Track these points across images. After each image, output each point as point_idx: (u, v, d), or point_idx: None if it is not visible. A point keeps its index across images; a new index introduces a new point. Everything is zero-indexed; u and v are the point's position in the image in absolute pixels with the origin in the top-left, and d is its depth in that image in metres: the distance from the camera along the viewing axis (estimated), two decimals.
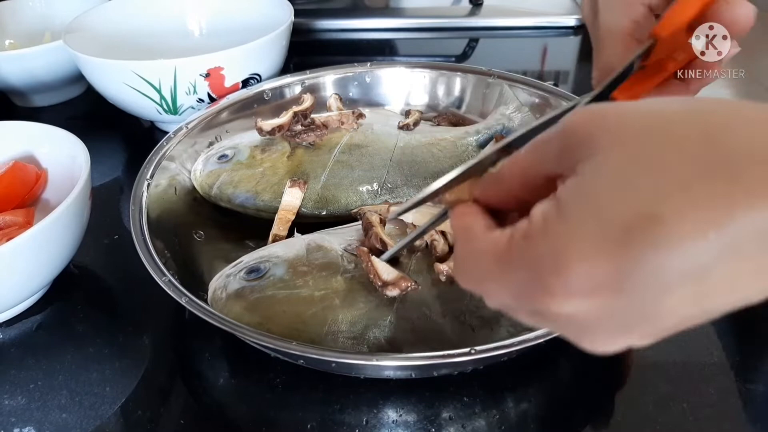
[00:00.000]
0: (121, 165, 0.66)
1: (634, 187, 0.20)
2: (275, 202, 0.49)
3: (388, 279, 0.38)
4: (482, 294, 0.24)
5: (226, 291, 0.40)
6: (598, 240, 0.20)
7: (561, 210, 0.21)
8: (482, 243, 0.24)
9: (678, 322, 0.21)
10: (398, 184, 0.51)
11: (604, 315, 0.21)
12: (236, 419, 0.39)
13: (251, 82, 0.63)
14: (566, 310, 0.21)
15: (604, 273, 0.20)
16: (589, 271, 0.20)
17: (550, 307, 0.21)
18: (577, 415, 0.38)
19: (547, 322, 0.23)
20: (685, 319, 0.21)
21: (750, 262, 0.19)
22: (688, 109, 0.21)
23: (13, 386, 0.41)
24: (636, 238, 0.19)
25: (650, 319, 0.21)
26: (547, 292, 0.21)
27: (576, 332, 0.23)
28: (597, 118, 0.21)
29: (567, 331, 0.23)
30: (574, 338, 0.23)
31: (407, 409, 0.38)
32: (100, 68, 0.61)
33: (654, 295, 0.20)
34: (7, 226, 0.48)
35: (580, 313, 0.21)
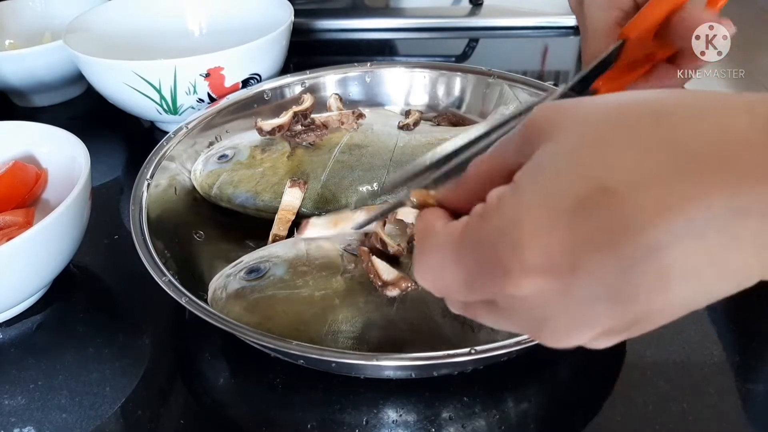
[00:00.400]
0: (121, 165, 0.66)
1: (586, 162, 0.19)
2: (275, 202, 0.49)
3: (388, 279, 0.38)
4: (441, 290, 0.23)
5: (226, 291, 0.40)
6: (553, 213, 0.19)
7: (515, 188, 0.20)
8: (440, 236, 0.23)
9: (642, 313, 0.20)
10: None
11: (560, 296, 0.20)
12: (236, 419, 0.39)
13: (251, 82, 0.63)
14: (523, 292, 0.20)
15: (560, 246, 0.19)
16: (545, 245, 0.19)
17: (506, 288, 0.20)
18: (577, 415, 0.38)
19: (504, 314, 0.22)
20: (649, 310, 0.20)
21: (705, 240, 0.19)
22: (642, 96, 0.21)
23: (13, 386, 0.41)
24: (590, 209, 0.19)
25: (610, 305, 0.20)
26: (503, 271, 0.20)
27: (535, 322, 0.22)
28: (553, 110, 0.22)
29: (525, 321, 0.22)
30: (533, 330, 0.22)
31: (407, 409, 0.38)
32: (100, 68, 0.61)
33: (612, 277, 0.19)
34: (7, 226, 0.48)
35: (537, 295, 0.20)
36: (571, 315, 0.21)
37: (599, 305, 0.20)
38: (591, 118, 0.20)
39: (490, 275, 0.21)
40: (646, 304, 0.20)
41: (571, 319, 0.21)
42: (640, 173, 0.19)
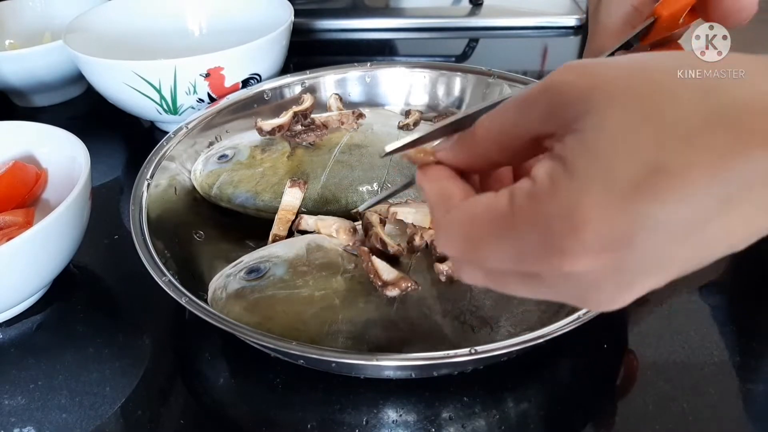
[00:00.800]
0: (121, 165, 0.66)
1: (638, 141, 0.19)
2: (275, 202, 0.49)
3: (388, 279, 0.38)
4: (471, 258, 0.23)
5: (226, 291, 0.40)
6: (610, 196, 0.20)
7: (568, 168, 0.20)
8: (471, 207, 0.23)
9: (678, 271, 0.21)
10: (398, 184, 0.51)
11: (613, 270, 0.21)
12: (236, 419, 0.39)
13: (251, 82, 0.63)
14: (578, 269, 0.21)
15: (617, 228, 0.20)
16: (603, 227, 0.20)
17: (562, 267, 0.21)
18: (577, 415, 0.38)
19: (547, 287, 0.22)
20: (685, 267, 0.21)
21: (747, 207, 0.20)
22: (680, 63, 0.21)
23: (13, 386, 0.41)
24: (645, 190, 0.19)
25: (656, 269, 0.21)
26: (560, 250, 0.20)
27: (581, 293, 0.22)
28: (586, 74, 0.21)
29: (570, 293, 0.23)
30: (577, 299, 0.23)
31: (407, 409, 0.38)
32: (100, 68, 0.61)
33: (663, 246, 0.20)
34: (7, 226, 0.48)
35: (589, 271, 0.21)
36: (619, 284, 0.21)
37: (648, 275, 0.21)
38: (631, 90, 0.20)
39: (545, 255, 0.21)
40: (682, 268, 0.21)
41: (618, 288, 0.22)
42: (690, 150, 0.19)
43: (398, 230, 0.44)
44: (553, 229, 0.20)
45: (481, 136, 0.24)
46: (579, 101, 0.21)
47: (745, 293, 0.47)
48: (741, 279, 0.48)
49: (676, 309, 0.44)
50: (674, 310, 0.44)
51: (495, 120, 0.23)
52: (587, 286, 0.22)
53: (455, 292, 0.39)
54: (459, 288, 0.40)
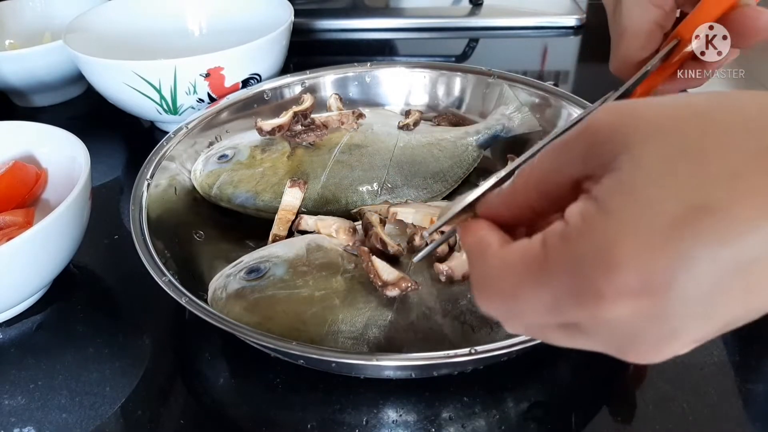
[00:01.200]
0: (121, 165, 0.66)
1: (679, 178, 0.18)
2: (275, 202, 0.49)
3: (388, 279, 0.38)
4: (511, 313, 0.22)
5: (226, 291, 0.40)
6: (647, 235, 0.18)
7: (602, 206, 0.19)
8: (506, 255, 0.22)
9: (726, 322, 0.20)
10: (398, 184, 0.51)
11: (653, 318, 0.20)
12: (236, 419, 0.39)
13: (251, 82, 0.63)
14: (615, 314, 0.20)
15: (656, 270, 0.19)
16: (640, 268, 0.19)
17: (598, 311, 0.20)
18: (577, 415, 0.38)
19: (586, 335, 0.21)
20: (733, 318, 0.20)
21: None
22: (719, 99, 0.20)
23: (13, 386, 0.41)
24: (687, 230, 0.18)
25: (702, 318, 0.20)
26: (595, 294, 0.19)
27: (621, 342, 0.21)
28: (624, 114, 0.20)
29: (610, 341, 0.21)
30: (617, 350, 0.21)
31: (407, 409, 0.38)
32: (100, 68, 0.61)
33: (706, 292, 0.19)
34: (6, 226, 0.48)
35: (628, 316, 0.20)
36: (661, 334, 0.20)
37: (693, 325, 0.20)
38: (670, 126, 0.19)
39: (580, 299, 0.20)
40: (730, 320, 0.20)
41: (661, 338, 0.20)
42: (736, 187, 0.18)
43: (398, 230, 0.44)
44: (586, 272, 0.19)
45: (521, 184, 0.23)
46: (617, 140, 0.20)
47: None
48: None
49: None
50: None
51: (535, 167, 0.22)
52: (627, 335, 0.21)
53: (455, 292, 0.39)
54: (459, 288, 0.40)
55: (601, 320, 0.20)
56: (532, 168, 0.23)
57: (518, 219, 0.24)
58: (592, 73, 0.80)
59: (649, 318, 0.19)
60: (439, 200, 0.51)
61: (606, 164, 0.20)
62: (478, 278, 0.23)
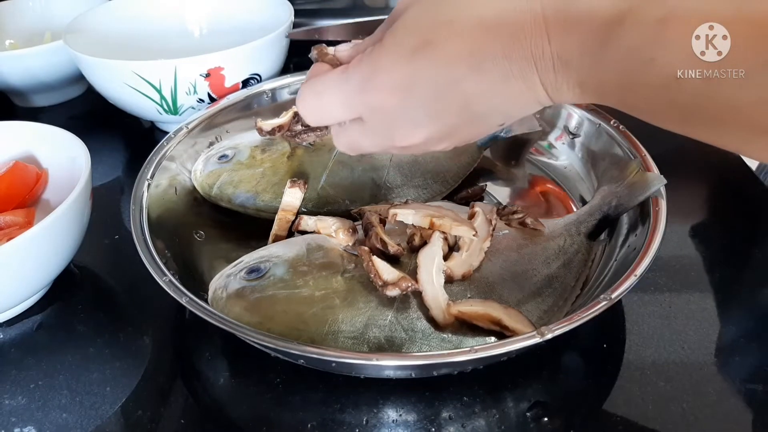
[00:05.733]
0: (121, 165, 0.66)
1: (420, 24, 0.31)
2: (275, 202, 0.49)
3: (388, 279, 0.38)
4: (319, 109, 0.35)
5: (227, 291, 0.40)
6: (397, 54, 0.31)
7: (379, 42, 0.32)
8: (325, 74, 0.35)
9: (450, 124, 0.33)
10: (398, 184, 0.51)
11: (404, 108, 0.32)
12: (236, 419, 0.39)
13: (251, 82, 0.63)
14: (380, 103, 0.32)
15: (401, 75, 0.31)
16: (392, 73, 0.31)
17: (368, 99, 0.32)
18: (577, 415, 0.38)
19: (368, 128, 0.34)
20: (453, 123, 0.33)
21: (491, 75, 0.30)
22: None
23: (14, 386, 0.41)
24: (419, 54, 0.30)
25: (431, 116, 0.32)
26: (368, 89, 0.32)
27: (387, 129, 0.34)
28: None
29: (382, 131, 0.34)
30: (388, 137, 0.34)
31: (407, 408, 0.38)
32: (101, 68, 0.61)
33: (432, 96, 0.31)
34: (7, 226, 0.48)
35: (389, 107, 0.32)
36: (407, 119, 0.33)
37: (424, 117, 0.32)
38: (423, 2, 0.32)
39: (360, 92, 0.33)
40: (452, 120, 0.33)
41: (408, 126, 0.33)
42: (451, 29, 0.30)
43: (398, 230, 0.44)
44: (365, 75, 0.32)
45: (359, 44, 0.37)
46: (399, 9, 0.33)
47: (745, 294, 0.47)
48: (741, 280, 0.48)
49: (675, 309, 0.44)
50: (674, 310, 0.44)
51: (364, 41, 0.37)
52: (390, 122, 0.33)
53: (455, 292, 0.39)
54: (458, 287, 0.40)
55: (373, 108, 0.33)
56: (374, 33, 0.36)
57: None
58: None
59: (400, 108, 0.32)
60: (439, 200, 0.51)
61: (392, 24, 0.33)
62: (303, 89, 0.36)
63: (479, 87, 0.30)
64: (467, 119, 0.32)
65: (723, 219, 0.55)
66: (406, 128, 0.33)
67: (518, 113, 0.33)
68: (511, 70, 0.29)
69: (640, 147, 0.48)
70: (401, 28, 0.31)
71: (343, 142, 0.37)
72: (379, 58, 0.32)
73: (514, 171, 0.58)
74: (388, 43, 0.32)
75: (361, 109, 0.33)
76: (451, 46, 0.30)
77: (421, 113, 0.32)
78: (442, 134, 0.34)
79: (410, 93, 0.31)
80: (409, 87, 0.31)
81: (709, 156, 0.59)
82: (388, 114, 0.33)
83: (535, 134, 0.56)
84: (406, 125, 0.33)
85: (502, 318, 0.37)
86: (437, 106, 0.32)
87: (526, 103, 0.32)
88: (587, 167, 0.53)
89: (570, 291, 0.42)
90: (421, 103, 0.32)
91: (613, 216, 0.45)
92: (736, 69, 0.24)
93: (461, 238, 0.41)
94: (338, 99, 0.34)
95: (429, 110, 0.32)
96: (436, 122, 0.33)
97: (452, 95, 0.31)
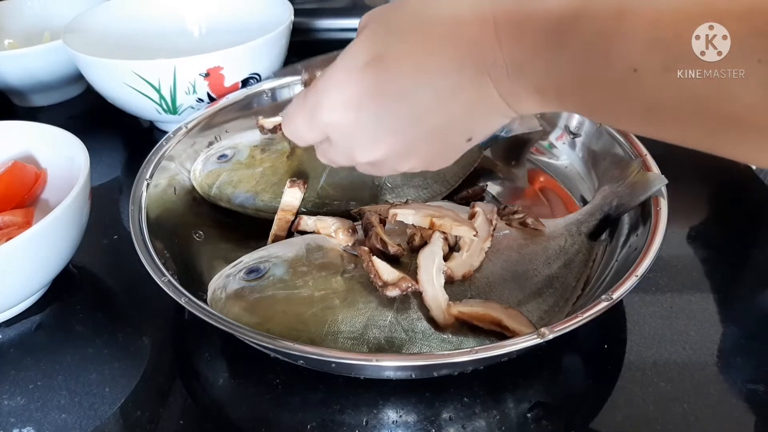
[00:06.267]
0: (120, 165, 0.66)
1: (374, 39, 0.31)
2: (275, 202, 0.49)
3: (388, 279, 0.38)
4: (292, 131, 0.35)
5: (226, 291, 0.40)
6: (348, 73, 0.31)
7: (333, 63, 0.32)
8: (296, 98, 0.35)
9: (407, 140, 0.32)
10: (398, 184, 0.51)
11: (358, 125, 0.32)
12: (236, 419, 0.39)
13: (251, 81, 0.63)
14: (334, 119, 0.32)
15: (352, 92, 0.31)
16: (343, 90, 0.31)
17: (323, 116, 0.32)
18: (577, 415, 0.38)
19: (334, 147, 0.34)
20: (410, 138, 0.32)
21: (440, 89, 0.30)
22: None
23: (13, 386, 0.41)
24: (370, 69, 0.30)
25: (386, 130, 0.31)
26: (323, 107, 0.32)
27: (349, 147, 0.33)
28: (368, 14, 0.33)
29: (344, 149, 0.34)
30: (350, 154, 0.34)
31: (407, 409, 0.38)
32: (100, 68, 0.61)
33: (387, 107, 0.30)
34: (6, 226, 0.48)
35: (341, 122, 0.32)
36: (365, 139, 0.32)
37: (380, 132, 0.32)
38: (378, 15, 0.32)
39: (316, 113, 0.32)
40: (409, 134, 0.32)
41: (366, 142, 0.33)
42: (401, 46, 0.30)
43: (398, 230, 0.44)
44: (318, 95, 0.32)
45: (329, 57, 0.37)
46: (361, 26, 0.33)
47: (745, 294, 0.47)
48: (743, 280, 0.48)
49: (676, 309, 0.44)
50: (675, 311, 0.44)
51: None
52: (349, 139, 0.33)
53: (455, 292, 0.39)
54: (459, 287, 0.40)
55: (330, 127, 0.33)
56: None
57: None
58: None
59: (354, 125, 0.32)
60: (439, 200, 0.51)
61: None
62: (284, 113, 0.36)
63: (428, 99, 0.30)
64: (426, 134, 0.31)
65: (724, 219, 0.55)
66: (364, 144, 0.33)
67: (482, 127, 0.32)
68: (461, 80, 0.29)
69: (641, 147, 0.48)
70: (355, 45, 0.31)
71: (321, 157, 0.38)
72: (330, 78, 0.31)
73: (514, 171, 0.57)
74: (340, 62, 0.31)
75: (321, 128, 0.33)
76: (400, 59, 0.29)
77: (377, 128, 0.32)
78: (403, 150, 0.33)
79: (361, 109, 0.31)
80: (360, 103, 0.31)
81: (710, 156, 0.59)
82: (346, 131, 0.32)
83: (535, 134, 0.55)
84: (364, 141, 0.33)
85: (503, 318, 0.37)
86: (390, 121, 0.31)
87: (486, 115, 0.31)
88: (588, 167, 0.53)
89: (571, 291, 0.42)
90: (374, 118, 0.31)
91: (614, 216, 0.45)
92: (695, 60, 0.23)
93: (462, 239, 0.41)
94: (303, 121, 0.34)
95: (384, 125, 0.31)
96: (393, 137, 0.32)
97: (403, 108, 0.30)
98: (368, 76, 0.30)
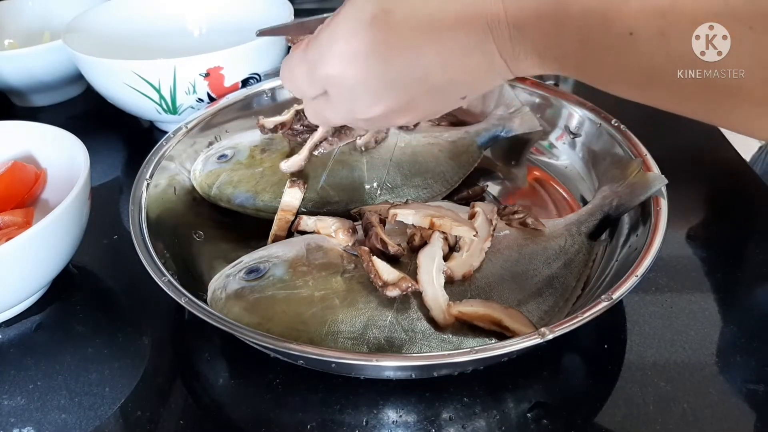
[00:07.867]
0: (120, 165, 0.66)
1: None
2: (275, 202, 0.49)
3: (388, 279, 0.38)
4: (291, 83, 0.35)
5: (226, 291, 0.40)
6: (356, 24, 0.30)
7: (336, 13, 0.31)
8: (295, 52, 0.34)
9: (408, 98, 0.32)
10: (398, 184, 0.51)
11: (363, 79, 0.31)
12: (236, 419, 0.39)
13: (251, 81, 0.63)
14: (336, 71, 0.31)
15: (359, 44, 0.30)
16: (350, 43, 0.30)
17: (327, 68, 0.32)
18: (577, 415, 0.38)
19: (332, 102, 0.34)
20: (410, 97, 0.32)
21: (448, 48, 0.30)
22: None
23: (13, 386, 0.41)
24: (377, 22, 0.30)
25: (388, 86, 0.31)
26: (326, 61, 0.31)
27: (350, 105, 0.33)
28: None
29: (344, 105, 0.33)
30: (350, 112, 0.34)
31: (407, 409, 0.38)
32: (100, 68, 0.61)
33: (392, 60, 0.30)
34: (6, 226, 0.48)
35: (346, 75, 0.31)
36: (367, 94, 0.32)
37: (383, 88, 0.32)
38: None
39: (319, 64, 0.32)
40: (411, 92, 0.32)
41: (368, 98, 0.32)
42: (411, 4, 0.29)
43: (398, 230, 0.44)
44: (321, 46, 0.32)
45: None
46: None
47: (746, 294, 0.47)
48: (743, 280, 0.48)
49: (676, 309, 0.44)
50: (675, 311, 0.44)
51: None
52: (350, 94, 0.32)
53: (455, 292, 0.39)
54: (459, 287, 0.40)
55: (332, 80, 0.32)
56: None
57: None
58: None
59: (359, 79, 0.31)
60: (439, 200, 0.51)
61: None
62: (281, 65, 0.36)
63: (438, 59, 0.30)
64: (427, 92, 0.32)
65: (724, 219, 0.55)
66: (365, 100, 0.32)
67: (479, 86, 0.33)
68: (469, 41, 0.29)
69: (641, 147, 0.48)
70: (355, 2, 0.31)
71: (309, 113, 0.37)
72: (336, 28, 0.31)
73: (514, 171, 0.57)
74: (347, 12, 0.31)
75: (323, 81, 0.33)
76: (408, 15, 0.29)
77: (380, 84, 0.31)
78: (402, 107, 0.33)
79: (367, 63, 0.30)
80: (367, 56, 0.30)
81: (710, 156, 0.59)
82: (348, 85, 0.32)
83: (535, 134, 0.55)
84: (366, 97, 0.32)
85: (503, 318, 0.37)
86: (396, 77, 0.31)
87: (486, 76, 0.31)
88: (588, 167, 0.53)
89: (571, 291, 0.42)
90: (380, 73, 0.31)
91: (614, 216, 0.45)
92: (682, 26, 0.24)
93: (462, 239, 0.41)
94: (303, 73, 0.33)
95: (387, 81, 0.31)
96: (395, 94, 0.32)
97: (411, 66, 0.30)
98: (375, 30, 0.30)
